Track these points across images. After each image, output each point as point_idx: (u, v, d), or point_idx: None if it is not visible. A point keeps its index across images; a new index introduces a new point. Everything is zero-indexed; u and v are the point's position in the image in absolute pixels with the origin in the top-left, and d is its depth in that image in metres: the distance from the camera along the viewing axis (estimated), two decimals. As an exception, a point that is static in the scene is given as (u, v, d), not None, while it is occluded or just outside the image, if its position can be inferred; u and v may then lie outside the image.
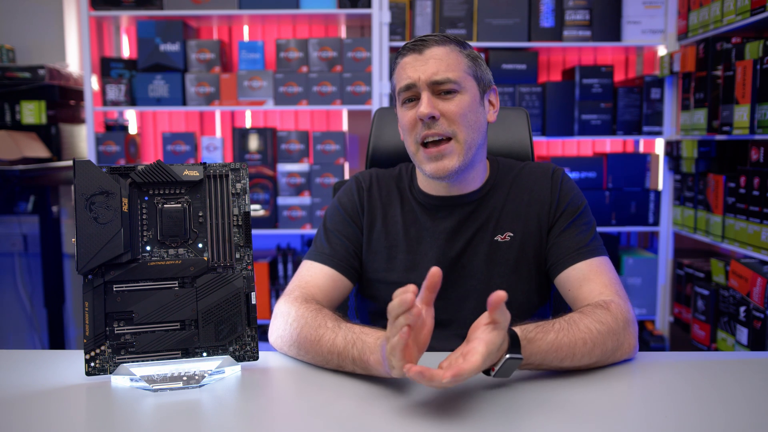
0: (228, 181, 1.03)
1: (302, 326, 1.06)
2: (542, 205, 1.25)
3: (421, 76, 1.18)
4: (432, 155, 1.19)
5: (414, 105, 1.21)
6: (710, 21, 2.33)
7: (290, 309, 1.11)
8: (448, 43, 1.20)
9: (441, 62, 1.18)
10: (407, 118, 1.21)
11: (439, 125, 1.18)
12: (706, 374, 1.02)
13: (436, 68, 1.17)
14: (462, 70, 1.19)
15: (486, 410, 0.87)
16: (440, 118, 1.18)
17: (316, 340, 1.02)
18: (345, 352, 0.98)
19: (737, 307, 2.12)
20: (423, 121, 1.17)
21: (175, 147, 2.70)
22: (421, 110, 1.16)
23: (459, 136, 1.18)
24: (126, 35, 2.97)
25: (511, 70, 2.69)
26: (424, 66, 1.18)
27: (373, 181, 1.34)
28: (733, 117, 2.13)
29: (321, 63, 2.66)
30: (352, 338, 0.98)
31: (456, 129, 1.18)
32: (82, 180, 0.96)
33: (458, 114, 1.18)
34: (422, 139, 1.19)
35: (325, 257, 1.26)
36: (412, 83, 1.19)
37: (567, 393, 0.94)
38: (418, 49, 1.19)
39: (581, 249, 1.19)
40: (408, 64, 1.20)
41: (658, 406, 0.89)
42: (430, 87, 1.18)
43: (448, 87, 1.18)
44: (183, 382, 0.95)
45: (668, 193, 2.71)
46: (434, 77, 1.17)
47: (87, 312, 0.97)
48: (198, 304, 1.00)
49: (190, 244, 1.01)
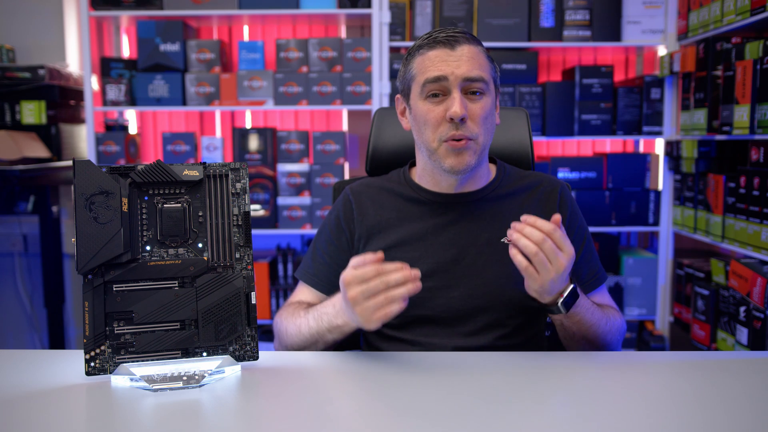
0: (228, 180, 1.03)
1: (287, 327, 1.23)
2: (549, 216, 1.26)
3: (455, 71, 1.17)
4: (456, 148, 1.19)
5: (441, 101, 1.19)
6: (710, 21, 2.33)
7: (279, 320, 1.28)
8: (476, 43, 1.21)
9: (473, 61, 1.18)
10: (434, 114, 1.19)
11: (466, 127, 1.18)
12: (706, 374, 1.02)
13: (470, 66, 1.17)
14: (488, 71, 1.20)
15: (485, 410, 0.87)
16: (468, 120, 1.18)
17: (299, 331, 1.20)
18: (319, 328, 1.16)
19: (737, 307, 2.12)
20: (452, 120, 1.17)
21: (175, 147, 2.70)
22: (455, 110, 1.16)
23: (479, 139, 1.20)
24: (126, 35, 2.97)
25: (511, 70, 2.69)
26: (457, 62, 1.17)
27: (363, 190, 1.34)
28: (733, 117, 2.13)
29: (321, 63, 2.66)
30: (318, 315, 1.17)
31: (478, 132, 1.19)
32: (81, 180, 0.96)
33: (482, 117, 1.19)
34: (449, 138, 1.18)
35: (308, 277, 1.33)
36: (443, 76, 1.17)
37: (567, 393, 0.94)
38: (450, 44, 1.18)
39: (596, 277, 1.30)
40: (438, 57, 1.18)
41: (658, 406, 0.89)
42: (462, 86, 1.17)
43: (478, 87, 1.18)
44: (183, 381, 0.95)
45: (668, 193, 2.71)
46: (468, 74, 1.17)
47: (87, 312, 0.97)
48: (198, 304, 1.00)
49: (190, 244, 1.01)
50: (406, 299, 1.02)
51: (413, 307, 1.23)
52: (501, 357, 1.11)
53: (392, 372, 1.03)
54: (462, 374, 1.02)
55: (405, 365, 1.06)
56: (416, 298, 1.23)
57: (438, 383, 0.98)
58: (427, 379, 0.99)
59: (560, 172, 2.69)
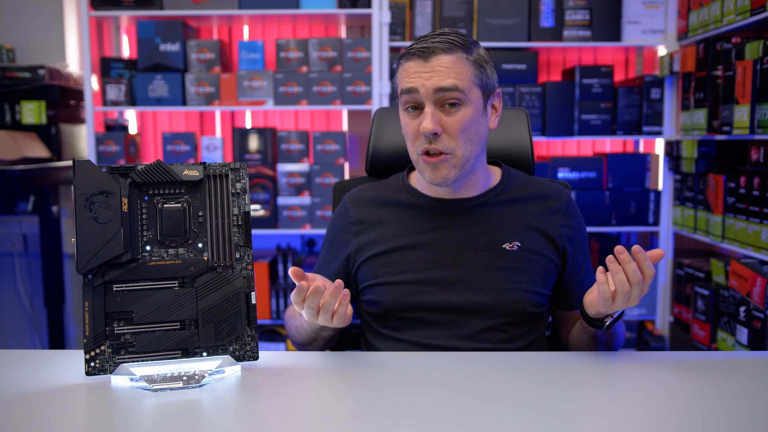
0: (228, 180, 1.03)
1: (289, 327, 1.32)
2: (554, 227, 1.27)
3: (425, 83, 1.15)
4: (430, 164, 1.19)
5: (417, 115, 1.19)
6: (710, 21, 2.33)
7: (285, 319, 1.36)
8: (454, 51, 1.16)
9: (448, 71, 1.15)
10: (410, 127, 1.20)
11: (440, 141, 1.17)
12: (706, 374, 1.02)
13: (442, 78, 1.15)
14: (468, 80, 1.17)
15: (485, 411, 0.87)
16: (442, 134, 1.17)
17: (298, 332, 1.26)
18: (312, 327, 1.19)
19: (737, 307, 2.12)
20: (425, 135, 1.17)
21: (175, 147, 2.70)
22: (425, 125, 1.15)
23: (457, 152, 1.18)
24: (126, 35, 2.97)
25: (511, 70, 2.69)
26: (430, 73, 1.15)
27: (360, 195, 1.34)
28: (733, 117, 2.13)
29: (321, 63, 2.66)
30: None
31: (455, 145, 1.18)
32: (81, 180, 0.96)
33: (459, 130, 1.17)
34: (423, 152, 1.19)
35: None
36: (414, 88, 1.16)
37: (567, 394, 0.94)
38: (424, 56, 1.16)
39: None
40: (411, 69, 1.17)
41: (658, 406, 0.89)
42: (434, 98, 1.16)
43: (453, 98, 1.16)
44: (183, 382, 0.95)
45: (668, 193, 2.71)
46: (440, 84, 1.15)
47: (87, 312, 0.97)
48: (198, 304, 1.00)
49: (190, 244, 1.01)
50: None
51: (413, 309, 1.23)
52: (501, 357, 1.11)
53: (392, 372, 1.03)
54: (462, 375, 1.02)
55: (405, 366, 1.06)
56: (415, 301, 1.23)
57: (438, 384, 0.98)
58: (427, 380, 0.99)
59: (560, 172, 2.69)
